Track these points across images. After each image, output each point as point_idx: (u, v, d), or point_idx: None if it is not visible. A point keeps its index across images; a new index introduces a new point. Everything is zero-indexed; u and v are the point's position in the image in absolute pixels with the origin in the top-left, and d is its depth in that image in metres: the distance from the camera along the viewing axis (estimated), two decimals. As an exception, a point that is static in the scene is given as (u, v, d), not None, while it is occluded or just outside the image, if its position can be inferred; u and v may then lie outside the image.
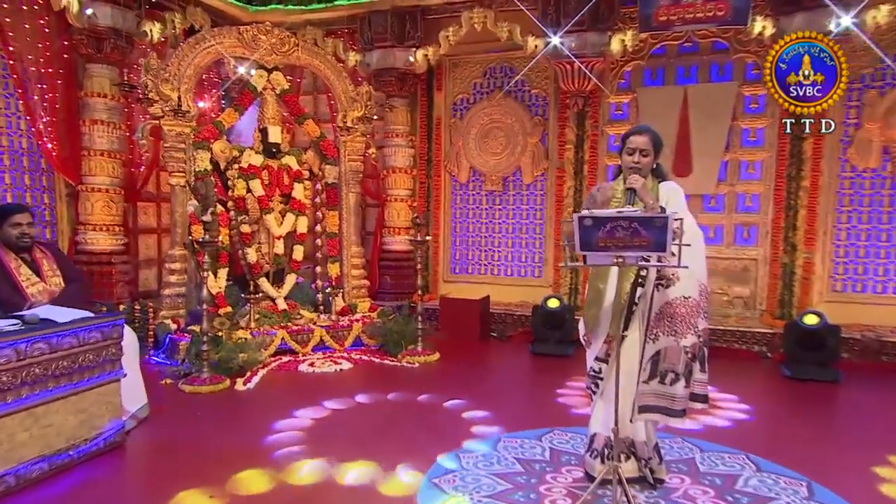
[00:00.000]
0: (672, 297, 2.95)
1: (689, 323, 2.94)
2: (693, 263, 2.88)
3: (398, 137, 7.88)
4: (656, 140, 3.15)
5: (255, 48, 6.48)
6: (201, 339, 5.03)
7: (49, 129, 6.04)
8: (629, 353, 3.09)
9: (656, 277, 2.98)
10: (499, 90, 7.80)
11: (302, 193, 6.75)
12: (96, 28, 6.09)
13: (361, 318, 6.70)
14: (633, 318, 3.06)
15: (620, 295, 3.09)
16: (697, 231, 3.07)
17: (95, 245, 6.28)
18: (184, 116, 6.05)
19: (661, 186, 3.15)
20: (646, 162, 3.11)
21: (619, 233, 2.66)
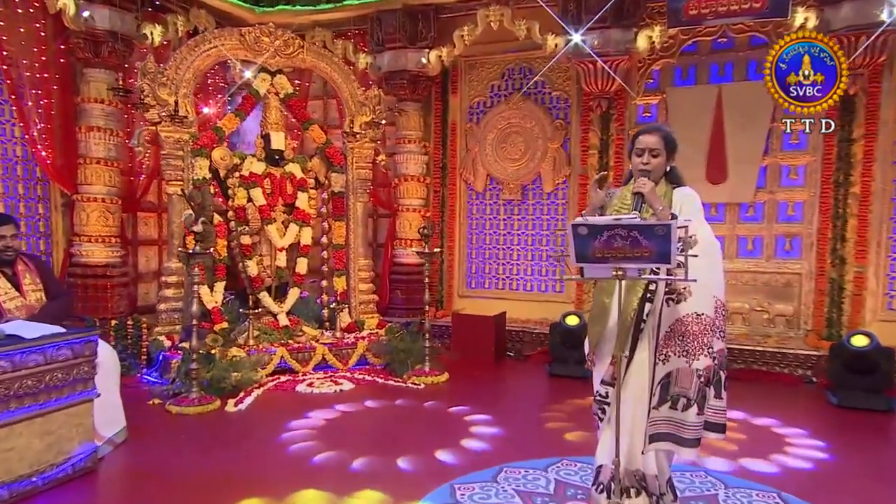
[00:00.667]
0: (683, 313, 2.78)
1: (702, 343, 2.77)
2: (708, 277, 2.75)
3: (410, 143, 7.79)
4: (668, 140, 2.99)
5: (257, 50, 6.46)
6: (190, 357, 4.94)
7: (44, 136, 6.09)
8: (638, 376, 2.91)
9: (666, 291, 2.81)
10: (517, 92, 7.66)
11: (306, 203, 6.68)
12: (93, 31, 6.13)
13: (368, 335, 6.58)
14: (641, 336, 2.90)
15: (627, 311, 2.89)
16: (713, 241, 2.89)
17: (90, 257, 6.29)
18: (181, 122, 6.04)
19: (675, 192, 2.97)
20: (656, 163, 2.96)
21: (618, 242, 2.51)
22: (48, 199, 6.39)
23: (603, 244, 2.53)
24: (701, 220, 2.89)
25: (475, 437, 4.40)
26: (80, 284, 6.22)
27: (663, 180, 3.01)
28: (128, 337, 5.92)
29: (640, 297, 2.89)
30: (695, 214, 2.90)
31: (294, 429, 4.49)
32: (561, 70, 7.47)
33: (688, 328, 2.77)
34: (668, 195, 2.97)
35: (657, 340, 2.83)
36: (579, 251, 2.58)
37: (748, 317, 6.86)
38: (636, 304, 2.88)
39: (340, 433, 4.46)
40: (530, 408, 5.17)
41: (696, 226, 2.83)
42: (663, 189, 2.98)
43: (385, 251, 7.96)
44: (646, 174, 2.95)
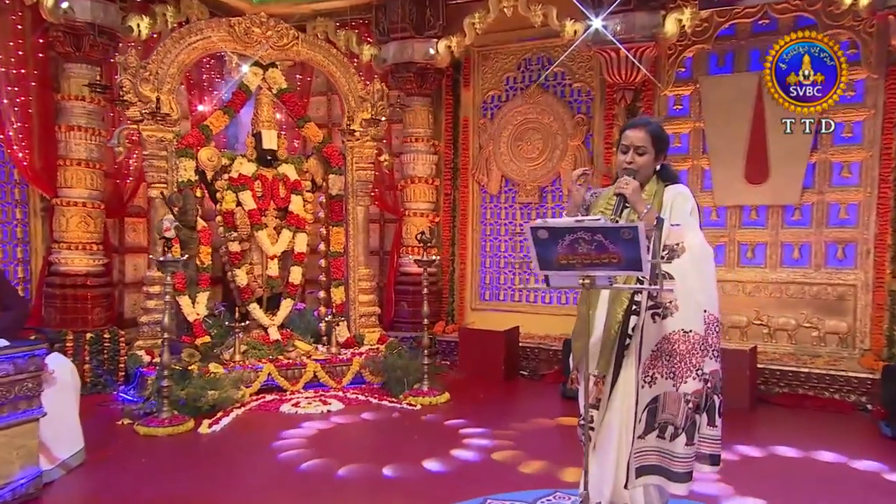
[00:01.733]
0: (669, 330, 2.69)
1: (689, 364, 2.68)
2: (697, 289, 2.71)
3: (418, 142, 7.70)
4: (657, 136, 2.91)
5: (248, 42, 6.44)
6: (161, 374, 4.89)
7: (20, 135, 6.13)
8: (624, 399, 2.81)
9: (650, 305, 2.73)
10: (534, 84, 7.53)
11: (300, 207, 6.62)
12: (74, 23, 6.16)
13: (367, 351, 6.48)
14: (627, 353, 2.82)
15: (611, 323, 2.82)
16: (705, 249, 2.81)
17: (70, 265, 6.30)
18: (164, 120, 6.02)
19: (667, 191, 2.89)
20: (642, 161, 2.88)
21: (582, 247, 2.42)
22: (27, 203, 6.45)
23: (566, 249, 2.44)
24: (692, 224, 2.82)
25: (461, 461, 4.25)
26: (59, 295, 6.22)
27: (654, 179, 2.93)
28: (104, 351, 5.90)
29: (625, 309, 2.80)
30: (685, 217, 2.81)
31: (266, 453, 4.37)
32: (582, 59, 7.31)
33: (674, 347, 2.68)
34: (659, 195, 2.88)
35: (639, 360, 2.76)
36: (542, 257, 2.50)
37: (795, 334, 6.54)
38: (621, 316, 2.81)
39: (319, 455, 4.33)
40: (530, 433, 4.96)
41: (684, 231, 2.74)
42: (653, 188, 2.90)
43: (391, 259, 7.86)
44: (630, 173, 2.86)
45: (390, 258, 7.89)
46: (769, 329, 6.61)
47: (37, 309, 6.27)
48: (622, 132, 2.99)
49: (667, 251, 2.72)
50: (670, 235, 2.73)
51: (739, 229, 6.75)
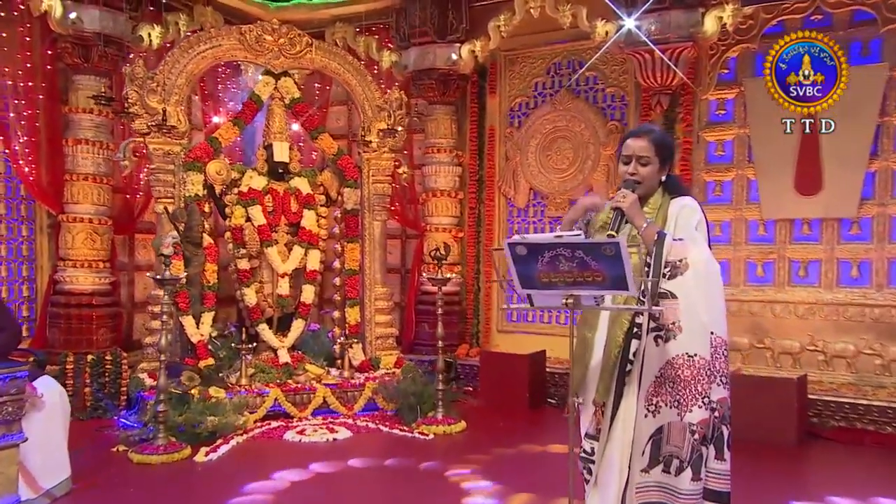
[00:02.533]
0: (673, 354, 2.65)
1: (695, 391, 2.63)
2: (702, 309, 2.66)
3: (440, 153, 7.70)
4: (661, 145, 2.88)
5: (259, 51, 6.52)
6: (158, 398, 4.92)
7: (27, 150, 6.31)
8: (626, 429, 2.76)
9: (652, 327, 2.69)
10: (563, 90, 7.45)
11: (313, 222, 6.65)
12: (82, 34, 6.33)
13: (383, 375, 6.43)
14: (629, 380, 2.76)
15: (611, 347, 2.78)
16: (711, 265, 2.76)
17: (75, 284, 6.44)
18: (170, 133, 6.12)
19: (672, 204, 2.85)
20: (646, 172, 2.84)
21: (563, 264, 2.41)
22: (33, 219, 6.62)
23: (547, 267, 2.43)
24: (697, 238, 2.77)
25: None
26: (63, 314, 6.36)
27: (659, 191, 2.89)
28: (105, 374, 5.99)
29: (625, 332, 2.75)
30: (690, 231, 2.76)
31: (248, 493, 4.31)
32: (616, 62, 7.23)
33: (678, 373, 2.64)
34: (664, 208, 2.85)
35: (640, 386, 2.73)
36: (522, 275, 2.50)
37: (854, 362, 6.27)
38: (621, 339, 2.75)
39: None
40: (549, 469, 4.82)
41: (688, 246, 2.69)
42: (658, 201, 2.87)
43: (411, 277, 7.83)
44: (631, 186, 2.82)
45: (411, 276, 7.87)
46: (825, 356, 6.35)
47: (41, 329, 6.43)
48: (623, 141, 2.95)
49: (669, 268, 2.67)
50: (673, 251, 2.68)
51: (790, 245, 6.53)
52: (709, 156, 6.85)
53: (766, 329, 6.54)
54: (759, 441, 5.53)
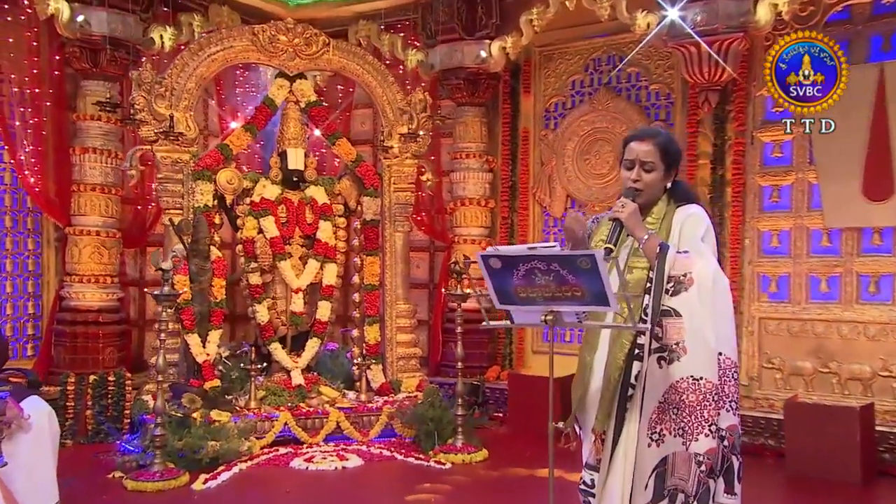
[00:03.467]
0: (677, 377, 2.65)
1: (701, 417, 2.62)
2: (708, 328, 2.65)
3: (469, 158, 7.68)
4: (667, 149, 2.88)
5: (272, 52, 6.59)
6: (155, 421, 4.98)
7: (33, 159, 6.49)
8: (628, 459, 2.77)
9: (655, 348, 2.69)
10: (604, 88, 7.35)
11: (330, 233, 6.68)
12: (90, 37, 6.50)
13: (404, 399, 6.41)
14: (630, 405, 2.77)
15: (611, 370, 2.78)
16: (719, 278, 2.75)
17: (81, 300, 6.58)
18: (179, 140, 6.21)
19: (678, 213, 2.87)
20: (650, 180, 2.85)
21: (539, 278, 2.41)
22: (40, 233, 6.80)
23: (522, 281, 2.44)
24: (703, 251, 2.77)
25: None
26: (68, 332, 6.51)
27: (663, 199, 2.91)
28: (108, 396, 6.09)
29: (626, 353, 2.76)
30: (695, 243, 2.77)
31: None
32: (661, 57, 7.09)
33: (683, 397, 2.64)
34: (668, 218, 2.87)
35: (641, 413, 2.72)
36: (499, 290, 2.51)
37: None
38: (622, 361, 2.76)
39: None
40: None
41: (693, 259, 2.69)
42: (662, 210, 2.89)
43: (437, 293, 7.80)
44: (633, 194, 2.84)
45: (437, 291, 7.84)
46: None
47: (46, 348, 6.58)
48: (625, 144, 2.94)
49: (672, 283, 2.68)
50: (676, 265, 2.68)
51: (858, 257, 6.27)
52: (765, 158, 6.64)
53: (831, 352, 6.29)
54: (820, 478, 5.35)
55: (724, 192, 6.70)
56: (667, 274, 2.67)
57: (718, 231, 6.65)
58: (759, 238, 6.64)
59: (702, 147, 6.78)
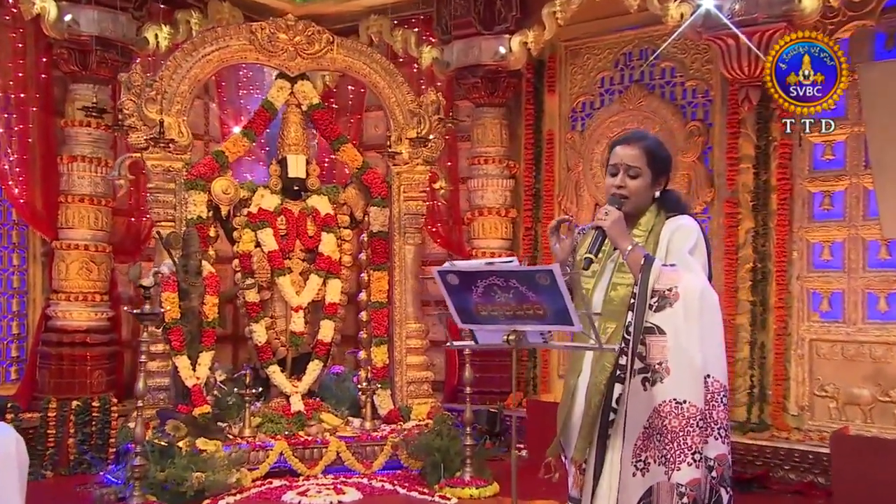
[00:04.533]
0: (660, 400, 2.69)
1: (684, 444, 2.65)
2: (693, 347, 2.68)
3: (488, 164, 7.70)
4: (655, 155, 2.93)
5: (272, 51, 6.66)
6: (134, 451, 5.03)
7: (18, 168, 6.62)
8: (612, 491, 2.80)
9: (639, 367, 2.73)
10: (635, 85, 7.32)
11: (333, 247, 6.71)
12: (79, 38, 6.63)
13: (413, 427, 6.38)
14: (613, 431, 2.81)
15: (592, 394, 2.83)
16: (707, 294, 2.77)
17: (68, 320, 6.69)
18: (170, 147, 6.29)
19: (668, 223, 2.91)
20: (635, 187, 2.89)
21: (499, 295, 2.46)
22: (26, 247, 6.93)
23: (481, 298, 2.50)
24: (691, 264, 2.80)
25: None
26: (54, 355, 6.60)
27: (652, 209, 2.95)
28: (92, 423, 6.17)
29: (608, 375, 2.80)
30: (682, 256, 2.81)
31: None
32: (698, 50, 7.04)
33: (665, 422, 2.66)
34: (657, 229, 2.91)
35: (624, 438, 2.75)
36: (459, 307, 2.58)
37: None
38: (604, 384, 2.80)
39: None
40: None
41: (679, 273, 2.74)
42: (650, 221, 2.93)
43: (453, 312, 7.76)
44: (618, 202, 2.87)
45: (454, 310, 7.81)
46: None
47: (30, 371, 6.68)
48: (611, 149, 3.00)
49: (656, 298, 2.72)
50: (662, 278, 2.71)
51: (921, 272, 6.15)
52: (814, 161, 6.56)
53: (892, 378, 6.14)
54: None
55: (768, 199, 6.64)
56: (651, 288, 2.68)
57: (762, 243, 6.58)
58: (809, 250, 6.55)
59: (743, 149, 6.73)
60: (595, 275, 2.91)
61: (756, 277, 6.64)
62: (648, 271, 2.69)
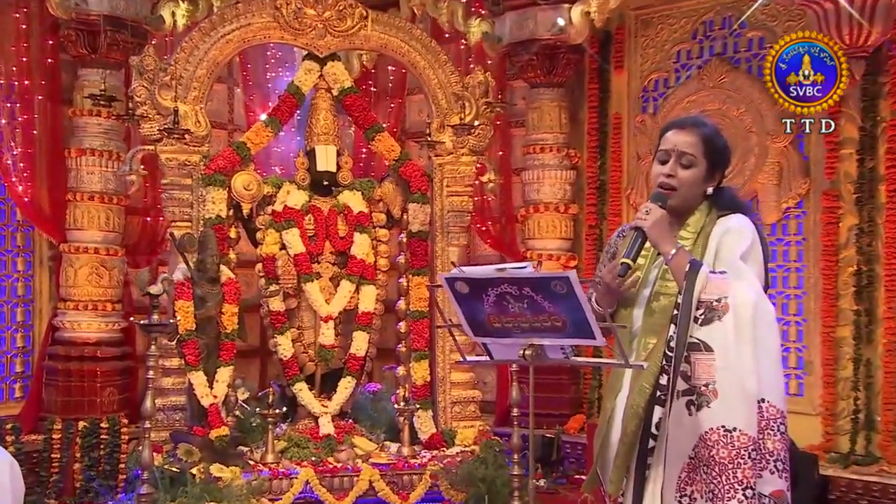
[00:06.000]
0: (706, 427, 2.69)
1: (733, 478, 2.64)
2: (747, 366, 2.67)
3: (545, 152, 7.69)
4: (712, 142, 2.96)
5: (299, 29, 6.64)
6: (141, 478, 5.10)
7: (22, 163, 6.80)
8: None
9: (683, 390, 2.73)
10: (717, 59, 7.26)
11: (367, 249, 6.68)
12: (88, 17, 6.78)
13: (457, 454, 6.34)
14: (653, 461, 2.86)
15: (629, 419, 2.86)
16: (762, 306, 2.76)
17: (76, 331, 6.84)
18: (185, 138, 6.36)
19: (719, 224, 2.92)
20: (686, 177, 2.91)
21: (512, 306, 2.48)
22: (31, 251, 7.11)
23: (493, 308, 2.53)
24: (744, 272, 2.78)
25: None
26: (61, 370, 6.74)
27: (704, 206, 2.97)
28: (101, 446, 6.29)
29: (647, 397, 2.82)
30: (733, 262, 2.80)
31: None
32: (791, 17, 6.95)
33: (712, 452, 2.67)
34: (707, 230, 2.92)
35: (664, 470, 2.77)
36: (470, 318, 2.61)
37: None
38: (643, 407, 2.83)
39: None
40: None
41: (729, 282, 2.72)
42: (701, 220, 2.94)
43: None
44: (663, 198, 2.89)
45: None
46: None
47: (36, 388, 6.84)
48: (662, 134, 3.03)
49: (703, 310, 2.70)
50: (709, 287, 2.70)
51: None
52: (935, 146, 6.41)
53: None
54: None
55: (875, 190, 6.55)
56: (696, 298, 2.67)
57: (868, 242, 6.44)
58: (926, 251, 6.38)
59: (846, 132, 6.65)
60: (637, 284, 2.89)
61: (861, 283, 6.53)
62: (694, 279, 2.67)
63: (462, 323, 2.62)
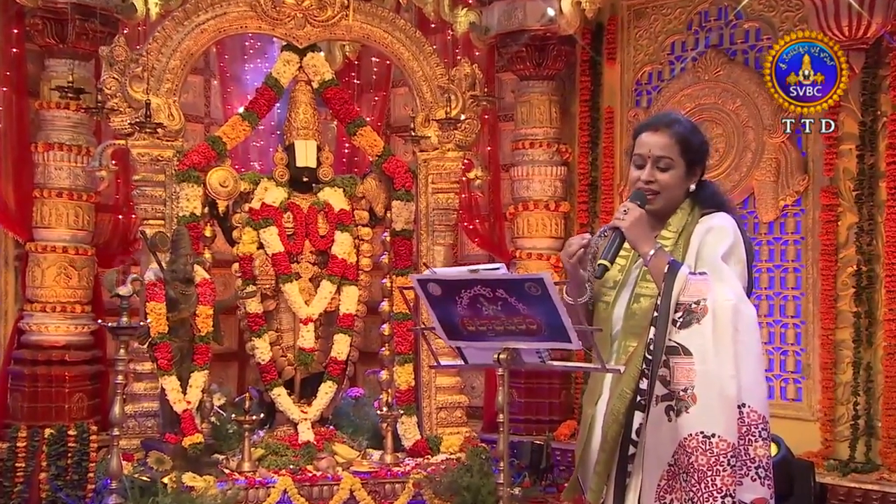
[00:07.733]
0: (685, 433, 2.71)
1: (712, 486, 2.66)
2: (727, 370, 2.70)
3: (534, 147, 7.73)
4: (687, 140, 2.99)
5: (277, 18, 6.68)
6: (109, 488, 5.12)
7: (-14, 159, 6.81)
8: None
9: (661, 395, 2.76)
10: (712, 51, 7.32)
11: (349, 248, 6.73)
12: (55, 5, 6.77)
13: (441, 461, 6.39)
14: (633, 468, 2.88)
15: (608, 425, 2.89)
16: (742, 309, 2.78)
17: (43, 334, 6.84)
18: (158, 132, 6.37)
19: (701, 223, 2.97)
20: (666, 180, 2.96)
21: (486, 308, 2.52)
22: (-4, 250, 7.11)
23: (467, 310, 2.56)
24: (724, 273, 2.82)
25: None
26: (27, 375, 6.72)
27: (685, 206, 3.01)
28: (68, 454, 6.29)
29: (627, 403, 2.85)
30: (714, 262, 2.84)
31: None
32: (788, 7, 7.01)
33: (691, 459, 2.69)
34: (690, 228, 2.96)
35: (649, 478, 2.80)
36: (444, 321, 2.67)
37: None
38: (622, 413, 2.86)
39: None
40: None
41: (709, 283, 2.76)
42: (682, 220, 2.98)
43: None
44: (643, 198, 2.92)
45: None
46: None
47: (1, 394, 6.83)
48: (635, 136, 3.06)
49: (681, 312, 2.73)
50: (688, 289, 2.74)
51: None
52: (935, 142, 6.47)
53: None
54: None
55: (875, 187, 6.58)
56: (675, 300, 2.70)
57: (868, 241, 6.50)
58: (927, 250, 6.44)
59: (845, 127, 6.68)
60: (617, 285, 2.93)
61: (860, 283, 6.57)
62: (673, 281, 2.71)
63: (436, 326, 2.68)
